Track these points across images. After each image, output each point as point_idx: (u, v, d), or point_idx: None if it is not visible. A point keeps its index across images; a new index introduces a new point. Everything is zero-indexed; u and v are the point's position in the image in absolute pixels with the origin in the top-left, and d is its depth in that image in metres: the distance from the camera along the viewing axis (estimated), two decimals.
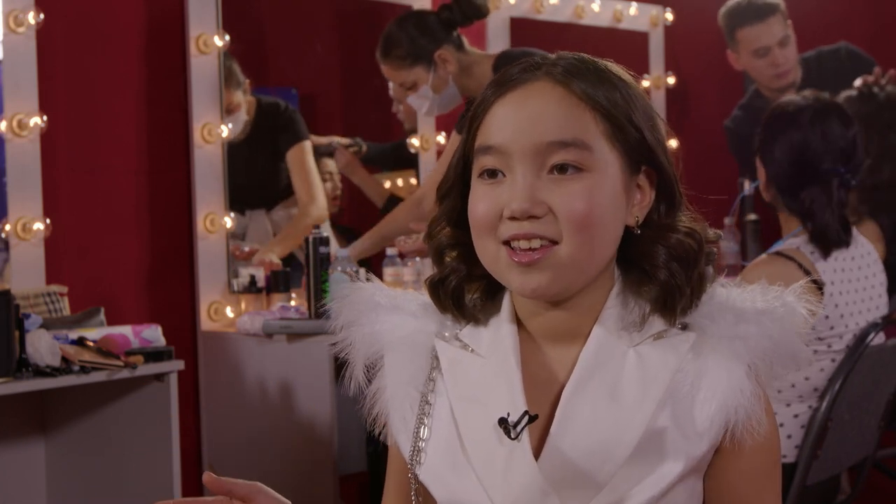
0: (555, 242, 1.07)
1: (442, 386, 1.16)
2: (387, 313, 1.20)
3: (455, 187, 1.16)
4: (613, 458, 1.06)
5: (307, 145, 3.39)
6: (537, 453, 1.08)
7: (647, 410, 1.07)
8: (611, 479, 1.06)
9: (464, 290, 1.17)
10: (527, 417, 1.08)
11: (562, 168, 1.07)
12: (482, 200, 1.10)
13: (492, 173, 1.10)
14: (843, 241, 2.28)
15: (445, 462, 1.13)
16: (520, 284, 1.09)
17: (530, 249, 1.07)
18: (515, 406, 1.09)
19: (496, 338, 1.15)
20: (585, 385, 1.09)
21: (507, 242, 1.08)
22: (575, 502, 1.06)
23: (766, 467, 1.12)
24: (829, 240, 2.26)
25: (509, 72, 1.12)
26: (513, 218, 1.07)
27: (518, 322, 1.15)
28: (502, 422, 1.08)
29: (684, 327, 1.11)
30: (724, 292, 1.13)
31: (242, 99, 3.27)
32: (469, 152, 1.13)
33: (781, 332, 1.09)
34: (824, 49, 3.90)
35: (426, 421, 1.15)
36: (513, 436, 1.07)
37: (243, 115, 3.28)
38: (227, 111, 3.19)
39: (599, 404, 1.08)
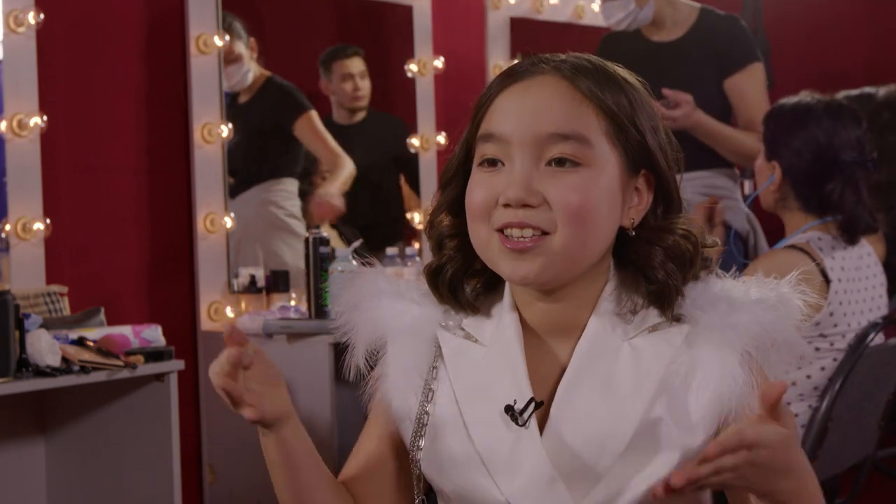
0: (547, 233, 1.07)
1: (444, 374, 1.17)
2: (389, 299, 1.20)
3: (457, 176, 1.17)
4: (610, 450, 1.07)
5: (314, 114, 3.40)
6: None
7: (641, 402, 1.08)
8: (609, 470, 1.06)
9: (460, 281, 1.18)
10: (533, 404, 1.08)
11: (560, 161, 1.08)
12: (479, 187, 1.11)
13: (492, 162, 1.11)
14: (873, 227, 2.32)
15: (450, 450, 1.13)
16: (510, 270, 1.09)
17: (522, 238, 1.07)
18: (521, 393, 1.10)
19: (499, 327, 1.16)
20: (581, 377, 1.10)
21: (500, 230, 1.09)
22: (576, 492, 1.07)
23: None
24: (860, 229, 2.30)
25: (518, 64, 1.13)
26: (507, 206, 1.08)
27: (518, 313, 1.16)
28: (508, 409, 1.09)
29: (678, 319, 1.12)
30: (719, 283, 1.14)
31: (245, 52, 3.29)
32: (472, 141, 1.14)
33: (774, 321, 1.09)
34: None
35: (428, 408, 1.16)
36: (520, 422, 1.08)
37: (246, 68, 3.29)
38: (227, 61, 3.21)
39: (595, 396, 1.09)
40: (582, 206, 1.07)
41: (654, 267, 1.11)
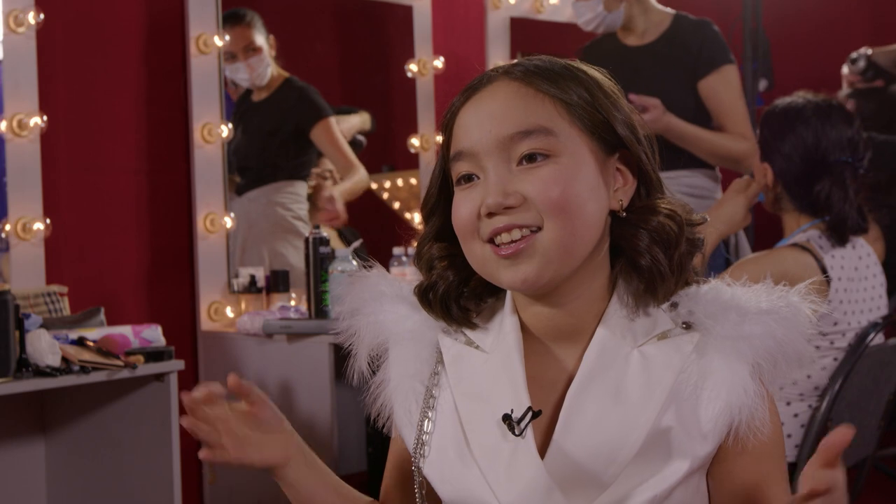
0: (537, 228, 1.07)
1: (446, 381, 1.16)
2: (391, 303, 1.20)
3: (438, 204, 1.17)
4: (618, 459, 1.06)
5: (332, 120, 3.41)
6: (542, 451, 1.08)
7: (651, 411, 1.07)
8: (616, 479, 1.06)
9: (452, 298, 1.17)
10: (530, 414, 1.08)
11: (530, 157, 1.08)
12: (461, 205, 1.11)
13: (468, 178, 1.11)
14: (862, 227, 2.31)
15: (449, 457, 1.13)
16: (510, 278, 1.09)
17: (513, 242, 1.07)
18: (519, 402, 1.09)
19: (500, 334, 1.15)
20: (590, 385, 1.09)
21: (490, 241, 1.09)
22: (579, 500, 1.06)
23: (771, 462, 1.12)
24: (848, 228, 2.29)
25: (472, 80, 1.14)
26: (490, 214, 1.08)
27: (521, 321, 1.15)
28: (506, 418, 1.09)
29: (688, 327, 1.11)
30: (728, 291, 1.13)
31: (266, 46, 3.30)
32: (445, 165, 1.15)
33: (786, 333, 1.09)
34: None
35: (430, 415, 1.16)
36: (517, 432, 1.08)
37: (267, 62, 3.31)
38: (247, 51, 3.22)
39: (604, 405, 1.08)
40: (563, 195, 1.06)
41: (640, 252, 1.10)
